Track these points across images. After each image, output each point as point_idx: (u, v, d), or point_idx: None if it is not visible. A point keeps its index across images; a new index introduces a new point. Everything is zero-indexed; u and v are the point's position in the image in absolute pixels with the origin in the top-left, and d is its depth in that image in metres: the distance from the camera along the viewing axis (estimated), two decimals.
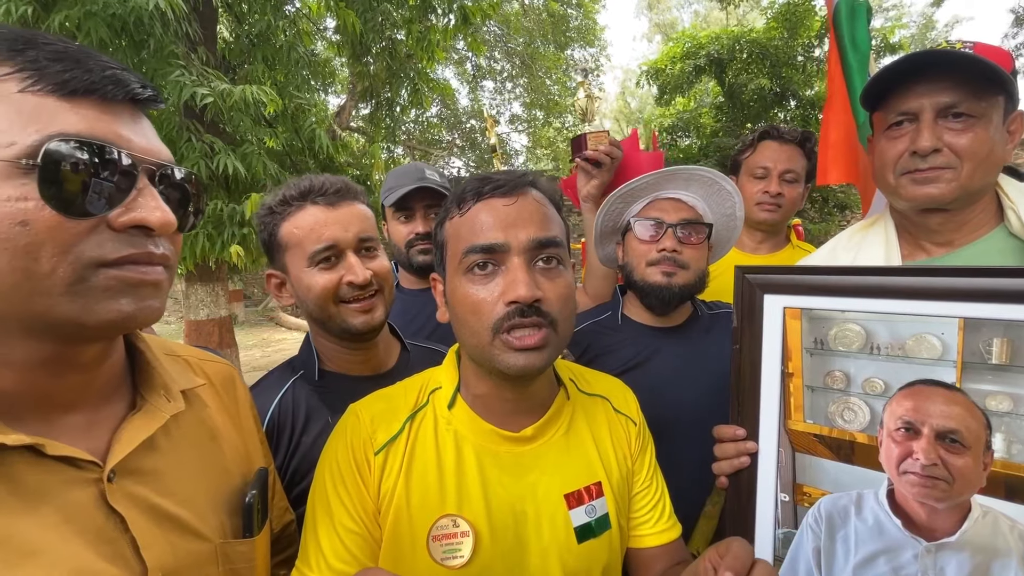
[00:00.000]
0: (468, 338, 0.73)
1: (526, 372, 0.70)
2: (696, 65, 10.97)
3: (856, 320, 0.76)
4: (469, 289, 0.71)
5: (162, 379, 0.64)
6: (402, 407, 0.80)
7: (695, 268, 1.20)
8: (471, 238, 0.71)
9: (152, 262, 0.53)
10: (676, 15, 26.93)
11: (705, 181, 1.20)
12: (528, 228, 0.71)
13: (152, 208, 0.52)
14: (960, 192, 0.93)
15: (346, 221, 0.99)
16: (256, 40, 5.46)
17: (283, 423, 1.01)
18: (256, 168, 4.94)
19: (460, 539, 0.72)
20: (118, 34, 4.22)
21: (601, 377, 0.95)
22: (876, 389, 0.73)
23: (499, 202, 0.72)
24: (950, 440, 0.66)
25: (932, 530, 0.67)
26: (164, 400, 0.63)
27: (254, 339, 11.30)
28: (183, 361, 0.74)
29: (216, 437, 0.70)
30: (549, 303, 0.70)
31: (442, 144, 15.28)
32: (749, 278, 0.86)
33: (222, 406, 0.76)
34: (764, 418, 0.82)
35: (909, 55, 0.94)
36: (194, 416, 0.68)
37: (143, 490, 0.58)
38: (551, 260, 0.72)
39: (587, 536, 0.77)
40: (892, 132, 0.98)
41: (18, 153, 0.46)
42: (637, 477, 0.88)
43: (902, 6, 20.73)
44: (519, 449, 0.78)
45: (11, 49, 0.48)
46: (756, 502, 0.81)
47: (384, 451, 0.76)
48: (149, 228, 0.52)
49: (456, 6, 6.55)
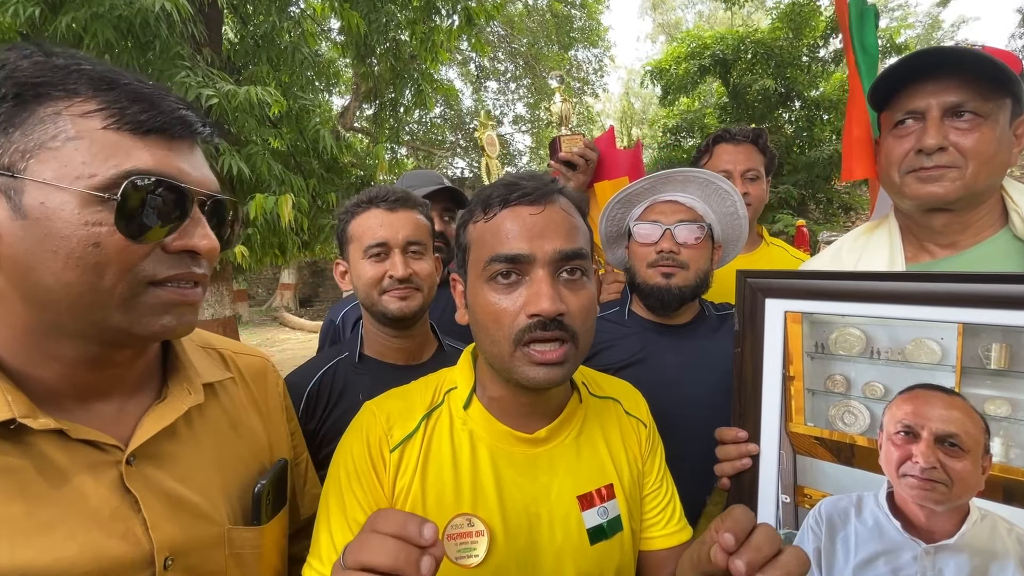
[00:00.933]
0: (488, 346, 0.73)
1: (545, 386, 0.71)
2: (701, 65, 10.95)
3: (856, 324, 0.77)
4: (491, 297, 0.71)
5: (187, 373, 0.69)
6: (418, 405, 0.81)
7: (695, 268, 1.21)
8: (496, 246, 0.70)
9: (193, 281, 0.60)
10: (680, 15, 26.89)
11: (701, 182, 1.22)
12: (554, 240, 0.70)
13: (202, 235, 0.59)
14: (964, 192, 0.93)
15: (399, 225, 1.15)
16: (261, 41, 5.49)
17: (321, 394, 1.17)
18: (260, 169, 4.96)
19: (475, 538, 0.72)
20: (124, 35, 4.25)
21: (612, 380, 0.95)
22: (876, 393, 0.74)
23: (526, 210, 0.71)
24: (949, 444, 0.67)
25: (931, 532, 0.68)
26: (187, 392, 0.68)
27: (258, 339, 11.33)
28: (217, 354, 0.79)
29: (237, 428, 0.74)
30: (572, 317, 0.69)
31: (445, 145, 15.30)
32: (751, 282, 0.87)
33: (250, 398, 0.80)
34: (765, 421, 0.83)
35: (917, 52, 0.94)
36: (218, 407, 0.73)
37: (160, 474, 0.62)
38: (575, 272, 0.71)
39: (599, 538, 0.77)
40: (898, 131, 0.98)
41: (98, 184, 0.52)
42: (647, 479, 0.88)
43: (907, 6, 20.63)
44: (533, 451, 0.78)
45: (97, 89, 0.54)
46: (757, 503, 0.82)
47: (400, 448, 0.76)
48: (197, 252, 0.59)
49: (460, 7, 6.56)
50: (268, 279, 16.73)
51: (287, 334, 12.05)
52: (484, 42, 8.72)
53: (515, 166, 17.80)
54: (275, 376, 0.88)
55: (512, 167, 17.67)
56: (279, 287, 15.35)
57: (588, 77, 15.92)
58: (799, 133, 11.06)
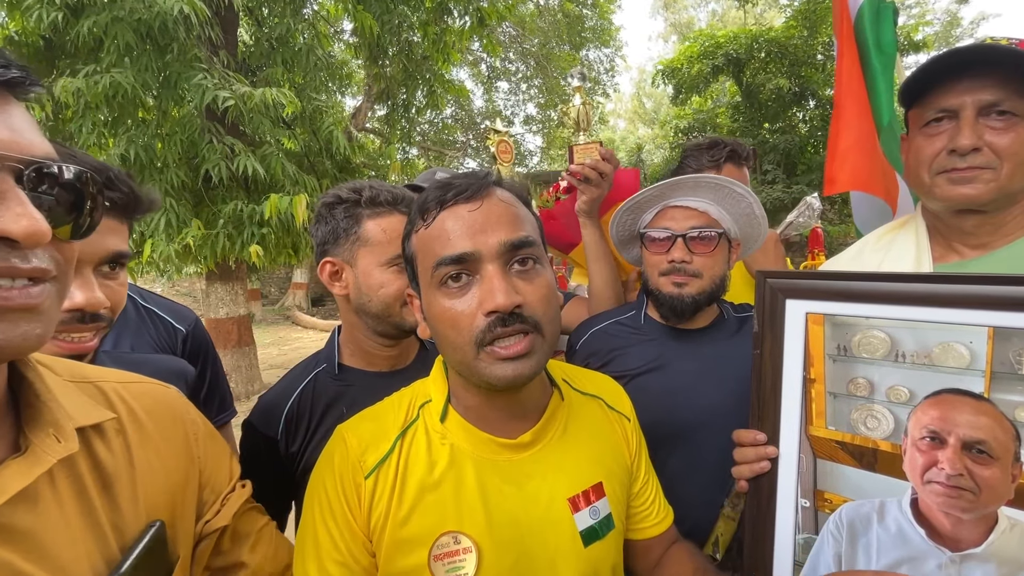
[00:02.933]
0: (451, 353, 0.71)
1: (516, 382, 0.68)
2: (714, 65, 10.87)
3: (881, 327, 0.75)
4: (445, 303, 0.68)
5: (52, 415, 0.52)
6: (391, 425, 0.78)
7: (709, 275, 1.18)
8: (440, 250, 0.68)
9: (27, 277, 0.44)
10: (692, 14, 26.70)
11: (712, 186, 1.19)
12: (498, 231, 0.67)
13: (17, 215, 0.42)
14: (998, 193, 0.90)
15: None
16: (275, 43, 5.55)
17: (302, 413, 1.07)
18: (275, 169, 5.02)
19: (463, 556, 0.70)
20: (143, 39, 4.32)
21: (592, 375, 0.94)
22: (901, 397, 0.73)
23: (463, 208, 0.68)
24: (977, 451, 0.65)
25: (957, 541, 0.66)
26: (53, 440, 0.51)
27: (271, 337, 11.46)
28: (94, 388, 0.62)
29: (111, 485, 0.57)
30: (531, 307, 0.67)
31: (456, 145, 15.34)
32: (771, 283, 0.85)
33: (143, 439, 0.63)
34: (785, 423, 0.82)
35: (953, 49, 0.91)
36: (90, 459, 0.56)
37: (9, 555, 0.46)
38: (527, 261, 0.69)
39: (593, 539, 0.76)
40: (930, 129, 0.95)
41: None
42: (637, 474, 0.88)
43: (925, 3, 20.25)
44: (518, 456, 0.76)
45: None
46: (776, 507, 0.81)
47: (374, 474, 0.73)
48: (12, 239, 0.42)
49: (472, 8, 6.58)
50: (280, 278, 16.90)
51: (299, 333, 12.17)
52: (495, 42, 8.73)
53: (526, 167, 17.80)
54: (183, 404, 0.72)
55: (523, 168, 17.67)
56: (291, 286, 15.50)
57: (599, 77, 15.87)
58: (813, 132, 10.94)
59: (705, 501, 1.09)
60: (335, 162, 6.12)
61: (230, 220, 5.01)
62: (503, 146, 1.80)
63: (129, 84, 4.19)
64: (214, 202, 5.22)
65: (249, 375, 7.00)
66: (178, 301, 1.48)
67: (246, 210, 4.98)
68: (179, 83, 4.49)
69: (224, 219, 4.97)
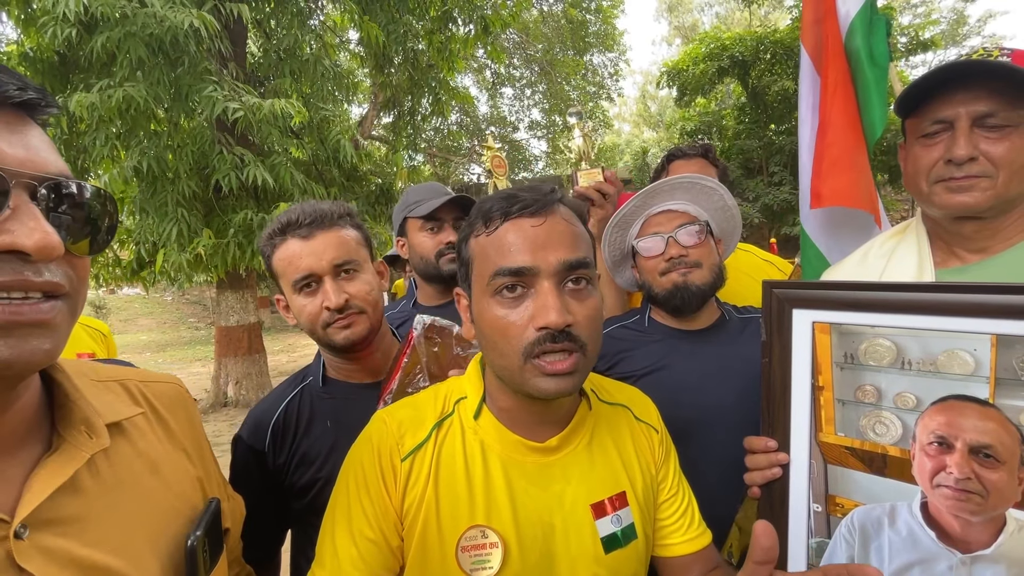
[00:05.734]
0: (497, 359, 0.73)
1: (556, 396, 0.70)
2: (719, 66, 10.87)
3: (886, 335, 0.77)
4: (498, 311, 0.70)
5: (82, 413, 0.56)
6: (429, 415, 0.80)
7: (708, 264, 1.23)
8: (499, 260, 0.70)
9: (41, 292, 0.46)
10: (697, 17, 26.71)
11: (686, 186, 1.24)
12: (558, 250, 0.69)
13: (30, 229, 0.44)
14: (995, 201, 0.92)
15: (320, 251, 1.05)
16: (283, 54, 5.63)
17: (287, 426, 1.10)
18: (284, 178, 5.08)
19: (489, 550, 0.71)
20: (155, 53, 4.40)
21: (621, 387, 0.95)
22: (908, 404, 0.74)
23: (527, 222, 0.71)
24: (984, 455, 0.67)
25: (967, 543, 0.68)
26: (85, 437, 0.55)
27: (280, 344, 11.54)
28: (119, 386, 0.65)
29: (157, 470, 0.62)
30: (580, 327, 0.69)
31: (462, 151, 15.41)
32: (777, 293, 0.87)
33: (166, 433, 0.67)
34: (795, 430, 0.83)
35: (946, 64, 0.94)
36: (131, 449, 0.60)
37: (64, 542, 0.49)
38: (580, 280, 0.71)
39: (614, 546, 0.77)
40: (926, 140, 0.98)
41: None
42: (663, 485, 0.88)
43: (931, 2, 20.11)
44: (545, 459, 0.78)
45: None
46: (789, 512, 0.82)
47: (411, 457, 0.75)
48: (24, 252, 0.44)
49: (477, 16, 6.63)
50: None
51: (308, 340, 12.17)
52: (500, 49, 8.79)
53: (531, 171, 17.84)
54: (191, 401, 0.75)
55: (528, 172, 17.70)
56: None
57: (603, 81, 15.92)
58: None
59: (712, 498, 1.10)
60: (342, 170, 6.18)
61: (240, 229, 5.08)
62: (496, 160, 1.89)
63: (141, 97, 4.27)
64: (224, 212, 5.29)
65: (259, 382, 7.06)
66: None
67: (256, 219, 5.05)
68: (190, 95, 4.57)
69: (234, 228, 5.04)
